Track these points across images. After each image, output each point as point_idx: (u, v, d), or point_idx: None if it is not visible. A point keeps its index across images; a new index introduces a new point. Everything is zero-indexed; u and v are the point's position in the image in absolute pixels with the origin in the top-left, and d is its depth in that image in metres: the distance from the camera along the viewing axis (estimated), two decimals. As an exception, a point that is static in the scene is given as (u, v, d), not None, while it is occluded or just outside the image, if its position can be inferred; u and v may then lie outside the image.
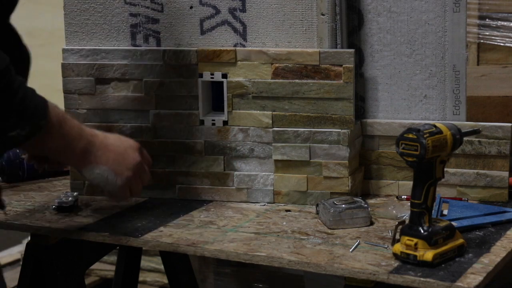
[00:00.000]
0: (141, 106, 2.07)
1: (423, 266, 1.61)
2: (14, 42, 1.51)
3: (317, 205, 1.93)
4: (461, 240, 1.68)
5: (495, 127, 1.98)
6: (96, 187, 1.83)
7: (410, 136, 1.65)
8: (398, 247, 1.66)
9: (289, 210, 1.99)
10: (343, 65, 1.95)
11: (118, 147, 1.69)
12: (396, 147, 1.67)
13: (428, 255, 1.62)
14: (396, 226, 1.69)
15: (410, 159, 1.65)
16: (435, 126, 1.67)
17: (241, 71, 2.01)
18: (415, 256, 1.62)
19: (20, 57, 1.54)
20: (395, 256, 1.66)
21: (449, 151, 1.69)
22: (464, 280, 1.54)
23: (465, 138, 1.78)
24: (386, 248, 1.72)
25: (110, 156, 1.67)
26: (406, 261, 1.64)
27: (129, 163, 1.71)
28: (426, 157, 1.64)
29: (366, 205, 1.87)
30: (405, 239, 1.65)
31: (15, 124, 1.48)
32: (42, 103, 1.53)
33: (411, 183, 1.63)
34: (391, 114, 2.06)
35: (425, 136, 1.64)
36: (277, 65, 1.99)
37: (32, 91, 1.51)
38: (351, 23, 2.04)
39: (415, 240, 1.63)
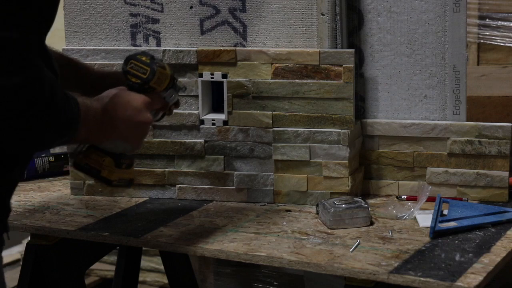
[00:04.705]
0: (141, 106, 2.07)
1: (102, 182, 1.67)
2: (46, 62, 1.51)
3: (317, 205, 1.93)
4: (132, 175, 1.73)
5: (495, 127, 1.98)
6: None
7: (144, 59, 1.67)
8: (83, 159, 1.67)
9: (289, 210, 1.99)
10: (343, 65, 1.95)
11: (128, 119, 1.66)
12: (123, 64, 1.68)
13: (113, 175, 1.66)
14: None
15: (134, 79, 1.67)
16: (161, 60, 1.69)
17: (241, 71, 2.01)
18: (99, 171, 1.66)
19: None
20: (76, 166, 1.68)
21: (162, 89, 1.71)
22: (464, 280, 1.54)
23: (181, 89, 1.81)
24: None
25: (122, 130, 1.66)
26: (87, 172, 1.67)
27: (141, 133, 1.70)
28: (150, 84, 1.67)
29: (366, 205, 1.87)
30: (94, 154, 1.66)
31: (56, 137, 1.48)
32: (76, 108, 1.51)
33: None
34: (391, 114, 2.06)
35: (157, 64, 1.68)
36: (277, 65, 1.99)
37: (68, 99, 1.48)
38: (351, 23, 2.04)
39: (105, 157, 1.66)
